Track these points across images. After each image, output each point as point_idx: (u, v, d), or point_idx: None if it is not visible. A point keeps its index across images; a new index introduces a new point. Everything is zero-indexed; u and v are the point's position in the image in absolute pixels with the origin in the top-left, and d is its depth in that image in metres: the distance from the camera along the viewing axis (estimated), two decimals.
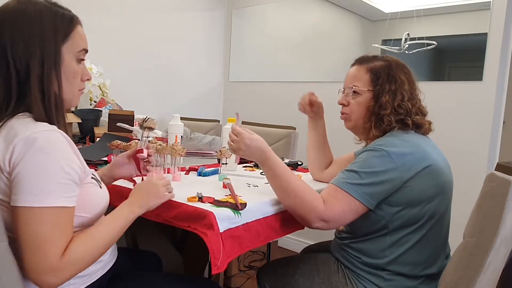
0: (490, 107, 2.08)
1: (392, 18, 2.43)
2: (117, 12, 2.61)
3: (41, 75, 0.82)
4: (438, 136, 2.41)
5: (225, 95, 3.42)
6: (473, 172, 2.10)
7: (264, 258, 2.51)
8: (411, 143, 1.09)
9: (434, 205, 1.07)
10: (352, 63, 1.28)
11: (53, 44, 0.84)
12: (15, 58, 0.81)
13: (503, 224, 0.84)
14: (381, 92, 1.16)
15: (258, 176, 1.47)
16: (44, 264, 0.73)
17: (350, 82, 1.24)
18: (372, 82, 1.18)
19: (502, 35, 2.04)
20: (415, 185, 1.04)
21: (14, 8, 0.83)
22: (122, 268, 1.06)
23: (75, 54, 0.88)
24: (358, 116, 1.21)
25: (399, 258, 1.07)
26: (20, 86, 0.82)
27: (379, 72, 1.18)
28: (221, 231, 0.94)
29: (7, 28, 0.81)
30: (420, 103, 1.20)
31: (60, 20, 0.85)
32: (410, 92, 1.17)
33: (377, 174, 1.04)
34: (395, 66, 1.19)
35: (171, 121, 1.55)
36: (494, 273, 0.95)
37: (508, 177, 0.84)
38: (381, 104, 1.15)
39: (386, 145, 1.07)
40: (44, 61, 0.82)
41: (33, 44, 0.81)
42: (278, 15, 3.04)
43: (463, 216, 0.99)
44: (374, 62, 1.21)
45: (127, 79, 2.72)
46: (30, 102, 0.81)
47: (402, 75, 1.18)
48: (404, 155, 1.05)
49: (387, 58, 1.22)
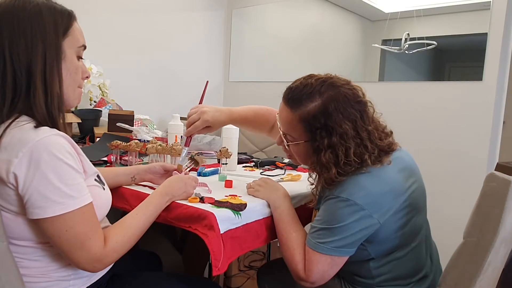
0: (490, 107, 2.08)
1: (392, 18, 2.43)
2: (117, 12, 2.61)
3: (44, 72, 0.81)
4: (438, 136, 2.41)
5: (225, 95, 3.41)
6: (473, 172, 2.10)
7: (264, 258, 2.51)
8: (378, 178, 0.96)
9: (412, 227, 1.01)
10: (283, 99, 1.05)
11: (55, 39, 0.83)
12: (14, 57, 0.79)
13: (503, 224, 0.84)
14: (318, 147, 0.97)
15: (258, 176, 1.47)
16: (90, 257, 0.80)
17: (281, 125, 1.07)
18: (307, 133, 1.00)
19: (502, 35, 2.04)
20: (395, 221, 0.97)
21: (12, 5, 0.81)
22: (122, 268, 1.06)
23: (76, 49, 0.88)
24: (304, 161, 1.08)
25: (388, 276, 1.04)
26: (17, 86, 0.80)
27: (312, 121, 0.97)
28: (221, 232, 0.93)
29: (6, 26, 0.79)
30: (377, 127, 1.01)
31: (59, 15, 0.84)
32: (359, 135, 0.96)
33: (349, 227, 0.94)
34: (334, 108, 0.95)
35: (171, 121, 1.56)
36: (494, 273, 0.95)
37: (508, 177, 0.84)
38: (322, 164, 0.97)
39: (352, 192, 0.94)
40: (47, 57, 0.81)
41: (35, 40, 0.80)
42: (278, 15, 3.04)
43: (463, 216, 0.99)
44: (307, 105, 0.98)
45: (127, 79, 2.72)
46: (32, 103, 0.80)
47: (342, 121, 0.95)
48: (375, 198, 0.94)
49: (320, 93, 0.97)
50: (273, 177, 1.46)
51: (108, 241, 0.83)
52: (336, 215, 0.96)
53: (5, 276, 0.73)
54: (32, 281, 0.83)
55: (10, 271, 0.74)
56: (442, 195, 2.12)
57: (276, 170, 1.62)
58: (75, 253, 0.78)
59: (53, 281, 0.85)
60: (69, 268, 0.87)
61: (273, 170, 1.61)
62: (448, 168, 2.17)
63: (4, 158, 0.75)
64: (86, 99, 2.25)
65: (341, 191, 0.96)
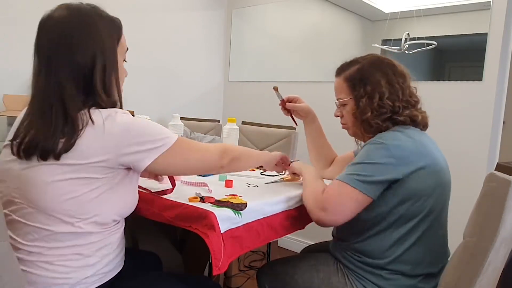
0: (490, 107, 2.08)
1: (392, 18, 2.44)
2: (116, 12, 2.60)
3: (103, 80, 0.91)
4: (438, 136, 2.40)
5: (225, 95, 3.42)
6: (473, 172, 2.10)
7: (264, 258, 2.51)
8: (412, 138, 1.09)
9: (432, 202, 1.07)
10: (335, 74, 1.30)
11: (113, 49, 0.94)
12: (82, 60, 0.88)
13: (503, 224, 0.84)
14: (358, 97, 1.18)
15: (258, 176, 1.47)
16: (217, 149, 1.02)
17: (336, 95, 1.28)
18: (350, 89, 1.21)
19: (502, 35, 2.04)
20: (414, 180, 1.05)
21: (69, 20, 0.89)
22: (122, 268, 1.06)
23: (123, 55, 1.00)
24: (352, 124, 1.24)
25: (400, 257, 1.08)
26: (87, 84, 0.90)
27: (353, 78, 1.20)
28: (222, 232, 0.94)
29: (69, 41, 0.88)
30: (410, 92, 1.17)
31: (112, 26, 0.96)
32: (390, 88, 1.15)
33: (376, 166, 1.04)
34: (368, 66, 1.19)
35: (171, 121, 1.56)
36: (494, 273, 0.95)
37: (508, 177, 0.84)
38: (361, 109, 1.16)
39: (387, 139, 1.07)
40: (106, 68, 0.91)
41: (96, 53, 0.89)
42: (278, 15, 3.04)
43: (463, 216, 0.99)
44: (349, 69, 1.22)
45: (127, 79, 2.71)
46: (98, 103, 0.90)
47: (376, 73, 1.16)
48: (404, 150, 1.05)
49: (361, 59, 1.22)
50: (273, 177, 1.46)
51: None
52: (368, 154, 1.07)
53: (6, 275, 0.73)
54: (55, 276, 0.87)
55: (11, 271, 0.74)
56: None
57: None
58: None
59: None
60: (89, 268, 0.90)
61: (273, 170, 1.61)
62: None
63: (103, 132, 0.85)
64: None
65: (378, 138, 1.10)
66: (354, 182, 1.05)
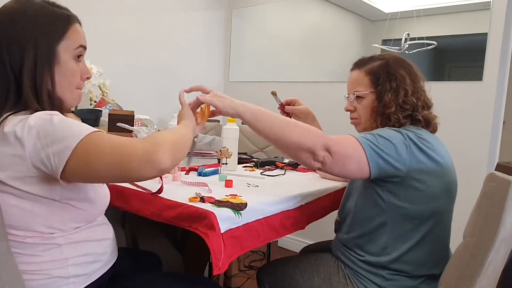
0: (490, 107, 2.08)
1: (392, 18, 2.44)
2: (117, 12, 2.61)
3: (34, 74, 0.84)
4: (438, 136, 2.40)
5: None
6: (473, 172, 2.10)
7: (264, 258, 2.51)
8: (425, 140, 1.09)
9: (437, 203, 1.07)
10: (351, 68, 1.28)
11: (47, 43, 0.86)
12: (11, 57, 0.83)
13: (503, 224, 0.84)
14: (383, 91, 1.16)
15: (258, 176, 1.47)
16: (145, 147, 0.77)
17: (352, 87, 1.25)
18: (373, 83, 1.19)
19: (502, 35, 2.04)
20: (420, 178, 1.04)
21: (12, 9, 0.85)
22: (122, 268, 1.06)
23: (72, 52, 0.90)
24: (366, 118, 1.22)
25: (403, 256, 1.07)
26: (17, 85, 0.84)
27: (377, 72, 1.19)
28: (222, 232, 0.94)
29: (4, 28, 0.83)
30: (425, 95, 1.19)
31: (56, 20, 0.87)
32: (413, 86, 1.17)
33: (389, 144, 1.03)
34: (393, 63, 1.19)
35: (171, 121, 1.56)
36: (494, 273, 0.95)
37: (508, 177, 0.84)
38: (385, 103, 1.15)
39: (405, 131, 1.08)
40: (37, 61, 0.84)
41: (27, 44, 0.83)
42: (278, 15, 3.04)
43: (463, 216, 0.99)
44: (371, 63, 1.22)
45: (127, 79, 2.72)
46: (26, 100, 0.83)
47: (401, 70, 1.18)
48: (418, 148, 1.05)
49: (384, 56, 1.23)
50: (273, 177, 1.46)
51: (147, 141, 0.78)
52: (386, 132, 1.07)
53: (5, 275, 0.73)
54: (31, 278, 0.83)
55: (10, 270, 0.74)
56: None
57: (276, 170, 1.62)
58: (122, 161, 0.75)
59: (53, 278, 0.85)
60: (69, 266, 0.87)
61: (273, 170, 1.61)
62: None
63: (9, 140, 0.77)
64: (86, 99, 2.25)
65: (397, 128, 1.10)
66: (367, 146, 1.03)
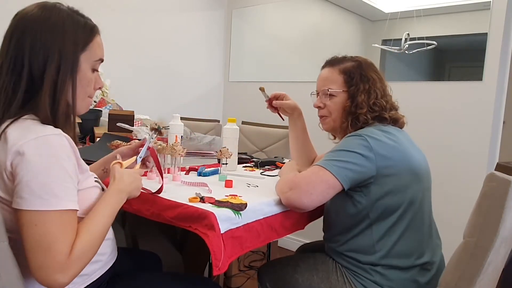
0: (490, 107, 2.08)
1: (392, 18, 2.43)
2: (117, 12, 2.61)
3: (56, 81, 0.84)
4: (438, 136, 2.41)
5: (225, 95, 3.41)
6: (473, 172, 2.10)
7: (264, 258, 2.51)
8: (389, 133, 1.13)
9: (410, 194, 1.09)
10: (323, 65, 1.31)
11: (72, 52, 0.86)
12: (32, 64, 0.82)
13: (503, 224, 0.84)
14: (356, 92, 1.20)
15: (258, 176, 1.47)
16: (54, 263, 0.73)
17: (323, 84, 1.27)
18: (346, 82, 1.22)
19: (502, 35, 2.04)
20: (391, 173, 1.07)
21: (38, 16, 0.84)
22: (122, 268, 1.06)
23: (92, 63, 0.91)
24: (336, 116, 1.25)
25: (391, 251, 1.09)
26: (28, 90, 0.83)
27: (352, 72, 1.22)
28: (222, 232, 0.94)
29: (29, 36, 0.83)
30: (391, 99, 1.24)
31: (81, 30, 0.88)
32: (382, 89, 1.22)
33: (353, 154, 1.06)
34: (366, 65, 1.24)
35: (171, 121, 1.55)
36: (494, 273, 0.95)
37: (508, 177, 0.84)
38: (357, 103, 1.19)
39: (366, 133, 1.11)
40: (61, 69, 0.84)
41: (52, 52, 0.83)
42: (278, 15, 3.04)
43: (463, 216, 0.99)
44: (345, 63, 1.25)
45: (127, 79, 2.72)
46: (38, 105, 0.82)
47: (373, 73, 1.22)
48: (381, 144, 1.08)
49: (356, 58, 1.27)
50: (273, 177, 1.46)
51: (72, 249, 0.75)
52: (346, 143, 1.11)
53: (5, 275, 0.73)
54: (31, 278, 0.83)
55: (10, 271, 0.74)
56: (442, 195, 2.12)
57: (276, 170, 1.62)
58: (40, 256, 0.73)
59: None
60: None
61: (273, 170, 1.61)
62: (448, 168, 2.17)
63: (7, 148, 0.76)
64: None
65: (357, 132, 1.13)
66: (327, 164, 1.07)
